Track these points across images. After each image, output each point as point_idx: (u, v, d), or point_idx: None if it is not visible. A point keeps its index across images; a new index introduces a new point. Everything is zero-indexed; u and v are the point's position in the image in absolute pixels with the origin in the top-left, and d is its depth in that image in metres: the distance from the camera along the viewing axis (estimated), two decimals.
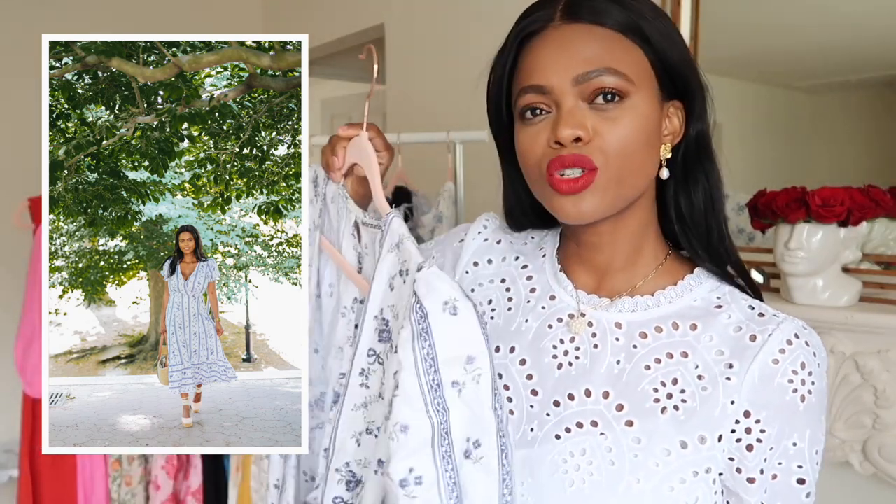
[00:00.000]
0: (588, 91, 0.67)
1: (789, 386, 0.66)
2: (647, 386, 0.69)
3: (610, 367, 0.71)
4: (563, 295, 0.77)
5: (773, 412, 0.66)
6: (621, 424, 0.68)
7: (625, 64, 0.67)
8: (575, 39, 0.68)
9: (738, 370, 0.67)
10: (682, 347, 0.70)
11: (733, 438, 0.67)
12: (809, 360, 0.67)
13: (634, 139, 0.67)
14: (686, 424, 0.67)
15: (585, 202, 0.68)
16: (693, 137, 0.73)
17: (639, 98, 0.68)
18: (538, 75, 0.69)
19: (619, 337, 0.72)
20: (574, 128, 0.66)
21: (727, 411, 0.67)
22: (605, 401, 0.69)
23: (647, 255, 0.76)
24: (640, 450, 0.66)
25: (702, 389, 0.68)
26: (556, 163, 0.67)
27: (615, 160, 0.67)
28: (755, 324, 0.69)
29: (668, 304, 0.73)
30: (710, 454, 0.67)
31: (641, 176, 0.70)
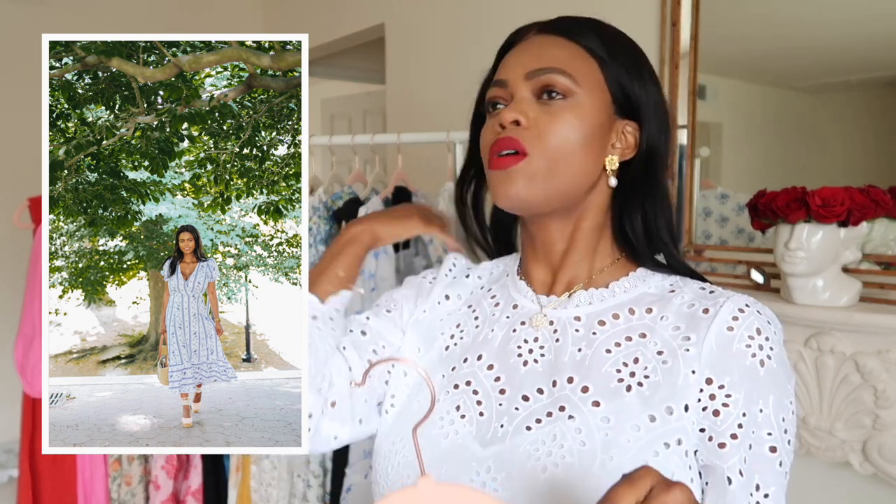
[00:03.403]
0: (538, 86, 0.75)
1: (747, 351, 0.69)
2: (610, 368, 0.72)
3: (572, 356, 0.74)
4: (525, 301, 0.81)
5: (736, 378, 0.68)
6: (588, 405, 0.70)
7: (576, 69, 0.75)
8: (540, 44, 0.77)
9: (695, 341, 0.70)
10: (639, 330, 0.73)
11: (699, 407, 0.68)
12: (764, 326, 0.70)
13: (571, 136, 0.73)
14: (652, 399, 0.69)
15: (514, 185, 0.73)
16: (644, 156, 0.78)
17: (584, 101, 0.74)
18: (502, 72, 0.78)
19: (579, 328, 0.76)
20: (515, 113, 0.74)
21: (689, 381, 0.69)
22: (570, 385, 0.72)
23: (602, 253, 0.80)
24: (610, 428, 0.68)
25: (662, 363, 0.70)
26: (497, 144, 0.75)
27: (548, 151, 0.73)
28: (706, 299, 0.73)
29: (623, 294, 0.77)
30: (678, 424, 0.68)
31: (577, 174, 0.75)
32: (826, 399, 1.32)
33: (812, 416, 1.34)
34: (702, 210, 1.64)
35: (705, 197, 1.65)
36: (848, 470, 1.34)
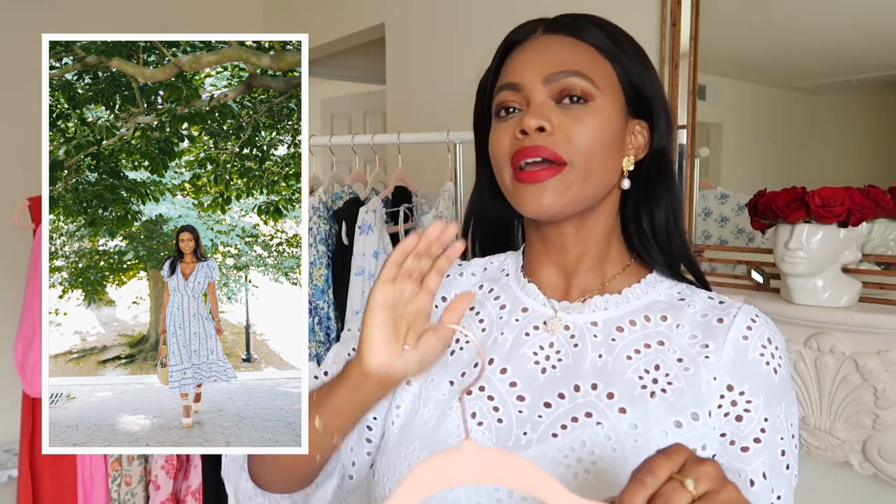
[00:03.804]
0: (556, 90, 0.72)
1: (762, 359, 0.71)
2: (632, 374, 0.72)
3: (593, 362, 0.73)
4: (535, 305, 0.79)
5: (755, 384, 0.70)
6: (615, 412, 0.69)
7: (593, 71, 0.73)
8: (551, 46, 0.75)
9: (714, 349, 0.71)
10: (657, 337, 0.74)
11: (721, 413, 0.69)
12: (774, 336, 0.72)
13: (598, 139, 0.72)
14: (677, 405, 0.69)
15: (547, 196, 0.71)
16: (656, 155, 0.77)
17: (603, 103, 0.73)
18: (513, 74, 0.75)
19: (597, 334, 0.75)
20: (539, 118, 0.71)
21: (711, 387, 0.70)
22: (594, 392, 0.71)
23: (613, 257, 0.80)
24: (639, 435, 0.68)
25: (684, 370, 0.71)
26: (521, 153, 0.72)
27: (582, 156, 0.71)
28: (718, 310, 0.74)
29: (637, 300, 0.77)
30: (703, 430, 0.69)
31: (604, 178, 0.74)
32: (826, 399, 1.32)
33: (812, 416, 1.34)
34: (702, 210, 1.64)
35: (705, 197, 1.65)
36: (848, 470, 1.34)
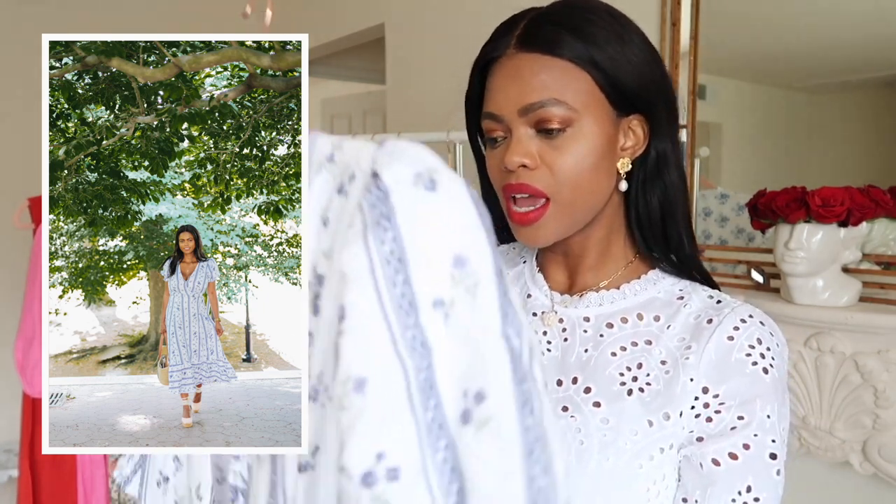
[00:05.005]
0: (534, 121, 0.71)
1: (748, 360, 0.70)
2: (614, 371, 0.72)
3: (579, 356, 0.75)
4: (538, 294, 0.82)
5: (735, 385, 0.69)
6: (589, 406, 0.71)
7: (570, 93, 0.71)
8: (524, 69, 0.72)
9: (695, 350, 0.71)
10: (646, 336, 0.74)
11: (692, 414, 0.70)
12: (766, 337, 0.71)
13: (582, 165, 0.71)
14: (651, 405, 0.70)
15: (542, 231, 0.73)
16: (655, 145, 0.76)
17: (585, 123, 0.71)
18: (492, 103, 0.74)
19: (588, 329, 0.76)
20: (520, 155, 0.71)
21: (687, 388, 0.70)
22: (573, 386, 0.73)
23: (616, 255, 0.80)
24: (609, 430, 0.69)
25: (665, 373, 0.71)
26: (508, 188, 0.73)
27: (566, 187, 0.71)
28: (712, 310, 0.74)
29: (634, 297, 0.77)
30: (673, 430, 0.69)
31: (595, 197, 0.74)
32: (826, 399, 1.32)
33: (812, 416, 1.34)
34: (702, 210, 1.64)
35: (705, 197, 1.64)
36: (848, 470, 1.34)
